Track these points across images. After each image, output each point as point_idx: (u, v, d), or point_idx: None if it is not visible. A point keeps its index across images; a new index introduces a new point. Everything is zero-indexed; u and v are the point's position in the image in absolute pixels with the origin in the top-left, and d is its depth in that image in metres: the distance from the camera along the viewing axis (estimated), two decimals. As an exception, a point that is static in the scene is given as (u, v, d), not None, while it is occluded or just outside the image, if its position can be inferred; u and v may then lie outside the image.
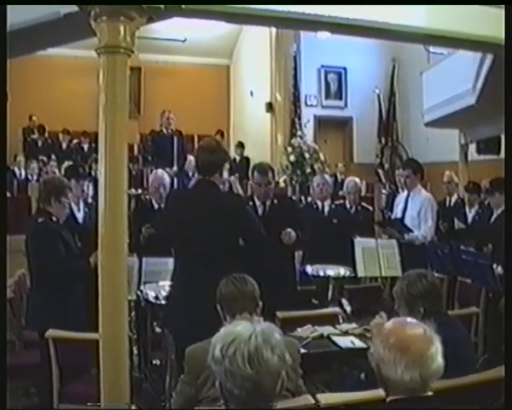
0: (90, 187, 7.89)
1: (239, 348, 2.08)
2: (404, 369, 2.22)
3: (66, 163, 12.65)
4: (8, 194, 10.29)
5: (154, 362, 5.62)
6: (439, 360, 2.28)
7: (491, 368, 3.59)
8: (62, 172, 11.60)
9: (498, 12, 4.48)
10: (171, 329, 4.63)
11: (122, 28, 3.45)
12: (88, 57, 3.87)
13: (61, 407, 4.30)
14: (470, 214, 8.30)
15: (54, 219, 4.81)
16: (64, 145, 14.74)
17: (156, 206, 6.47)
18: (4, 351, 3.42)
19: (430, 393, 2.29)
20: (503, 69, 6.65)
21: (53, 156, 13.73)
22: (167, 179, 6.71)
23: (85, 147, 14.39)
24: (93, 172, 11.25)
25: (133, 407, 4.28)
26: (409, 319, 2.47)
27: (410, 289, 3.65)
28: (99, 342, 3.50)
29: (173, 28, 15.12)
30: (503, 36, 4.68)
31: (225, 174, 8.60)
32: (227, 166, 4.60)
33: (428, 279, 3.71)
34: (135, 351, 5.42)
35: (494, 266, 5.93)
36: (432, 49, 11.22)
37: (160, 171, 7.08)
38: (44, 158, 13.54)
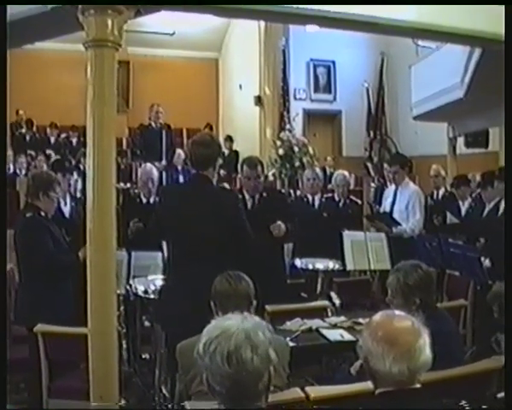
0: (79, 181, 7.87)
1: (219, 345, 2.07)
2: (393, 362, 2.22)
3: (55, 157, 12.60)
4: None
5: (143, 356, 5.62)
6: (427, 352, 2.29)
7: (479, 360, 3.62)
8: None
9: (487, 6, 4.51)
10: (163, 324, 4.62)
11: (110, 22, 3.44)
12: (76, 51, 3.85)
13: (51, 403, 4.29)
14: (463, 208, 8.32)
15: (42, 213, 4.79)
16: (52, 139, 14.67)
17: (145, 200, 6.47)
18: (4, 351, 3.41)
19: (418, 385, 2.30)
20: (491, 63, 6.70)
21: (47, 152, 13.64)
22: (156, 173, 6.70)
23: (74, 141, 14.31)
24: (82, 167, 11.21)
25: (123, 402, 4.31)
26: (397, 312, 2.48)
27: (406, 280, 3.66)
28: (88, 337, 3.50)
29: (162, 22, 15.08)
30: (491, 29, 4.71)
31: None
32: (220, 160, 4.60)
33: (423, 270, 3.74)
34: (124, 345, 5.42)
35: (482, 258, 5.96)
36: (420, 42, 11.23)
37: (148, 165, 7.06)
38: (32, 152, 13.46)
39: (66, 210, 6.52)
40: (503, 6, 4.19)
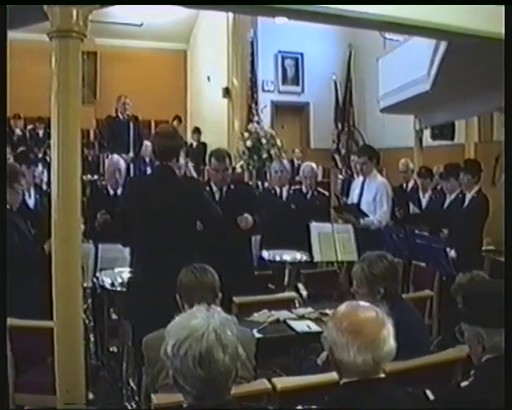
0: (45, 173, 7.78)
1: (190, 348, 2.05)
2: (357, 352, 2.25)
3: (21, 149, 12.45)
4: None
5: (111, 349, 5.60)
6: (391, 342, 2.31)
7: (445, 350, 3.67)
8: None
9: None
10: (129, 317, 4.61)
11: (74, 12, 3.40)
12: (41, 41, 3.80)
13: (17, 397, 4.24)
14: (424, 199, 8.42)
15: (7, 206, 4.73)
16: (18, 131, 14.48)
17: (112, 192, 6.42)
18: (4, 351, 3.36)
19: (382, 375, 2.33)
20: (456, 56, 6.77)
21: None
22: (123, 165, 6.67)
23: (40, 133, 14.15)
24: (48, 158, 11.08)
25: (90, 396, 4.29)
26: (361, 303, 2.50)
27: (371, 269, 3.71)
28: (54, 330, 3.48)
29: (130, 13, 14.99)
30: (456, 22, 4.76)
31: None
32: (182, 153, 4.66)
33: (389, 260, 3.79)
34: (92, 338, 5.40)
35: (448, 249, 6.04)
36: (388, 35, 11.29)
37: (115, 156, 7.02)
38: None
39: (31, 202, 6.45)
40: (500, 5, 4.23)
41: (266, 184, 10.94)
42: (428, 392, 2.50)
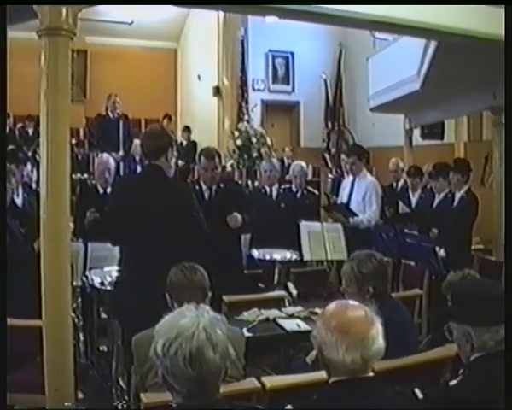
0: (35, 172, 7.74)
1: (180, 348, 2.04)
2: (346, 351, 2.25)
3: (10, 147, 12.38)
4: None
5: (100, 348, 5.59)
6: (380, 341, 2.32)
7: (434, 349, 3.68)
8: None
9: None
10: (118, 316, 4.60)
11: (64, 10, 3.39)
12: (31, 39, 3.78)
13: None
14: (414, 198, 8.44)
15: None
16: (7, 129, 14.39)
17: (101, 190, 6.41)
18: (4, 350, 3.34)
19: (371, 374, 2.34)
20: (446, 55, 6.79)
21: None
22: (112, 164, 6.65)
23: (30, 131, 14.07)
24: (37, 157, 11.04)
25: (80, 395, 4.26)
26: (350, 302, 2.51)
27: (360, 268, 3.73)
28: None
29: (120, 11, 14.95)
30: (446, 22, 4.78)
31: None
32: (175, 153, 4.68)
33: (377, 259, 3.81)
34: (81, 338, 5.38)
35: (437, 248, 6.06)
36: (378, 34, 11.32)
37: (105, 155, 7.01)
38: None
39: (19, 201, 6.42)
40: (503, 6, 4.25)
41: (256, 183, 10.93)
42: (417, 391, 2.51)
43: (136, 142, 11.34)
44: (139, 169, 11.01)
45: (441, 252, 6.18)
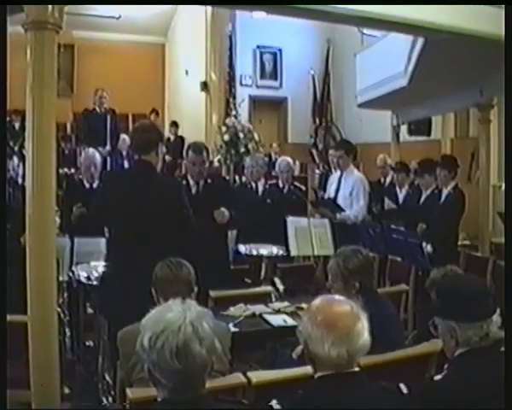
0: (21, 166, 7.70)
1: (167, 341, 2.04)
2: (331, 345, 2.25)
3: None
4: None
5: (86, 343, 5.57)
6: (366, 336, 2.33)
7: (420, 344, 3.69)
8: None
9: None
10: (104, 311, 4.59)
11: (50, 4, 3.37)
12: (17, 33, 3.75)
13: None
14: (401, 195, 8.46)
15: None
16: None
17: (87, 185, 6.38)
18: (4, 350, 3.32)
19: (357, 369, 2.35)
20: (433, 52, 6.81)
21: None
22: (98, 158, 6.62)
23: (17, 125, 13.99)
24: (24, 152, 10.98)
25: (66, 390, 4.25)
26: (336, 297, 2.51)
27: (346, 264, 3.74)
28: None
29: (107, 5, 14.88)
30: (434, 19, 4.79)
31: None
32: (164, 149, 4.67)
33: (363, 254, 3.82)
34: (67, 333, 5.37)
35: (424, 244, 6.08)
36: (365, 31, 11.34)
37: (91, 150, 6.98)
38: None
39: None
40: (504, 6, 4.26)
41: (244, 179, 10.93)
42: (402, 386, 2.52)
43: (123, 137, 11.33)
44: (126, 164, 11.00)
45: (428, 248, 6.20)
